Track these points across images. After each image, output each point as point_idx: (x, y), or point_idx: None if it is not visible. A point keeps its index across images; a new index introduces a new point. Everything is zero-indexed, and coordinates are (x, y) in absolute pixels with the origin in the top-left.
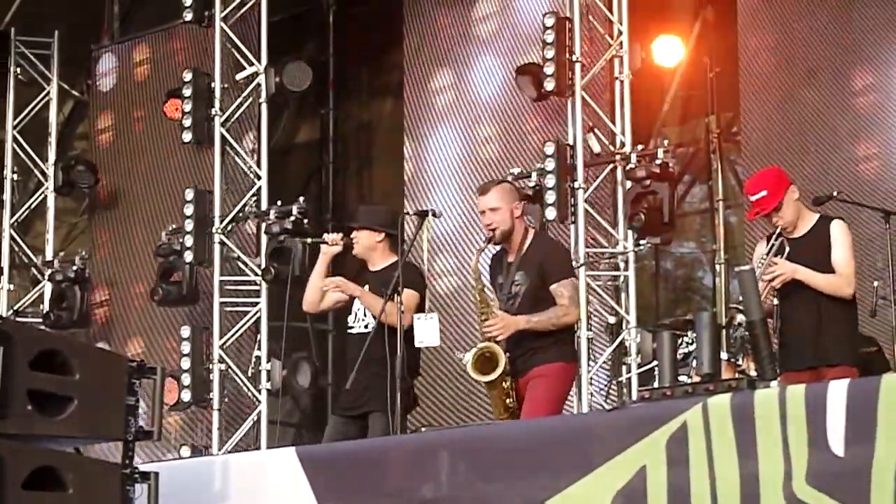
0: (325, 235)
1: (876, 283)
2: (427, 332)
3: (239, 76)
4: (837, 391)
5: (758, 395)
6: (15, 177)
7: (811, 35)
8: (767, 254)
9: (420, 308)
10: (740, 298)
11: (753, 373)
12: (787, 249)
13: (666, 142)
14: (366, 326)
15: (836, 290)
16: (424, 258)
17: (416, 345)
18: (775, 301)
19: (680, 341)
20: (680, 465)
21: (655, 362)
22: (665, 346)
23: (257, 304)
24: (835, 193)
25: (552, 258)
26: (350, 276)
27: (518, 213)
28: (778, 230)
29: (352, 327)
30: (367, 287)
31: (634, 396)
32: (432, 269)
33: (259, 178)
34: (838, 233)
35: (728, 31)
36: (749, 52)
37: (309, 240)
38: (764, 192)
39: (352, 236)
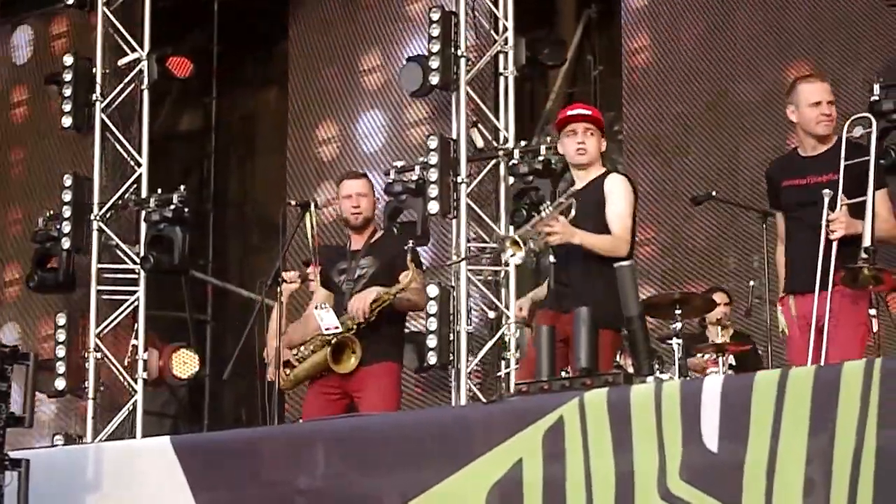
0: (284, 274)
1: (752, 283)
2: (329, 320)
3: (121, 62)
4: (712, 387)
5: (634, 390)
6: None
7: (693, 36)
8: (557, 206)
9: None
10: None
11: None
12: (573, 211)
13: (549, 139)
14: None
15: (612, 252)
16: (311, 247)
17: (324, 332)
18: (551, 258)
19: None
20: (556, 459)
21: None
22: (543, 340)
23: (135, 292)
24: (713, 193)
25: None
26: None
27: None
28: (573, 191)
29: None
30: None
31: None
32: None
33: (139, 165)
34: (614, 188)
35: (611, 31)
36: (632, 52)
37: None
38: (589, 112)
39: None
